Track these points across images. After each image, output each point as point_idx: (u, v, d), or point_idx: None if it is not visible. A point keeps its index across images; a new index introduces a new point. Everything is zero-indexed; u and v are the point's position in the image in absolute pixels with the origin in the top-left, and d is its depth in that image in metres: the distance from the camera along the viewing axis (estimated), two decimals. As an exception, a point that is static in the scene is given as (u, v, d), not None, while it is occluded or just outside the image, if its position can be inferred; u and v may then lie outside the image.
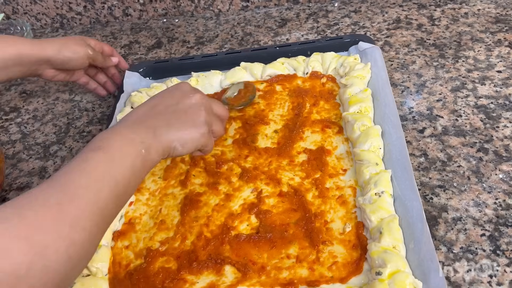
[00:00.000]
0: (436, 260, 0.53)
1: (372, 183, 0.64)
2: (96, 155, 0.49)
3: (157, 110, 0.60)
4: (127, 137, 0.53)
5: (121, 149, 0.51)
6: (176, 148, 0.58)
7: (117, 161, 0.50)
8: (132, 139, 0.53)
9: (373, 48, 0.86)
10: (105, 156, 0.50)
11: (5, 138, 0.94)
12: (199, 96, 0.62)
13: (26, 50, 0.79)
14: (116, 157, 0.50)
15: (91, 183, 0.47)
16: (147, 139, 0.54)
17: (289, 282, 0.58)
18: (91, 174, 0.47)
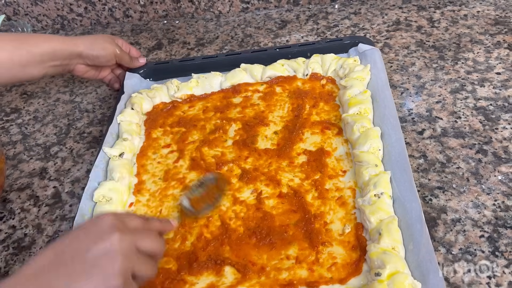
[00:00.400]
0: (435, 261, 0.54)
1: (371, 185, 0.64)
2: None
3: (62, 259, 0.48)
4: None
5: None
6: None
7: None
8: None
9: (372, 50, 0.87)
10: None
11: (5, 139, 0.94)
12: (117, 238, 0.49)
13: (60, 45, 0.82)
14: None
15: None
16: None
17: (288, 283, 0.58)
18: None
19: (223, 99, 0.89)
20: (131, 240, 0.50)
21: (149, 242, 0.53)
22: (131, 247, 0.50)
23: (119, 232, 0.49)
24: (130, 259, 0.49)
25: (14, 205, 0.79)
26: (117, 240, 0.48)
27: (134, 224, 0.53)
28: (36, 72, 0.82)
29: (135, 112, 0.86)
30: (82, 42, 0.85)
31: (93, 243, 0.48)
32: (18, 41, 0.79)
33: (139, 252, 0.51)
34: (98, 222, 0.50)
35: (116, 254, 0.48)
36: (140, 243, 0.51)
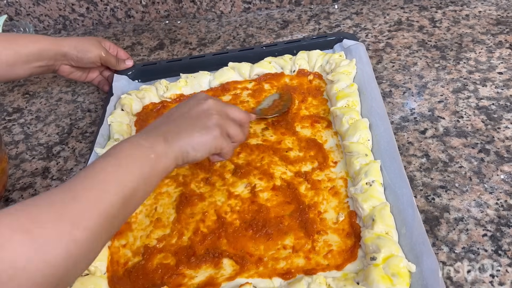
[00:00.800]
0: (428, 243, 0.55)
1: (362, 173, 0.66)
2: (104, 161, 0.50)
3: (171, 118, 0.60)
4: (137, 144, 0.54)
5: (129, 155, 0.52)
6: (189, 153, 0.57)
7: (124, 165, 0.51)
8: (141, 145, 0.54)
9: (357, 45, 0.89)
10: (112, 161, 0.50)
11: (8, 138, 0.94)
12: (211, 102, 0.62)
13: (46, 46, 0.85)
14: (123, 162, 0.51)
15: (95, 185, 0.47)
16: (157, 145, 0.54)
17: (286, 271, 0.60)
18: (97, 176, 0.48)
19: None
20: (223, 106, 0.64)
21: (237, 112, 0.65)
22: (223, 111, 0.63)
23: (213, 99, 0.63)
24: (223, 118, 0.61)
25: (16, 205, 0.79)
26: (212, 103, 0.62)
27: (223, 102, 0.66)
28: (22, 72, 0.85)
29: (125, 113, 0.87)
30: (68, 43, 0.88)
31: (194, 106, 0.62)
32: (6, 42, 0.81)
33: (230, 117, 0.63)
34: (196, 95, 0.64)
35: (212, 112, 0.61)
36: (229, 111, 0.64)
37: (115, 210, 0.47)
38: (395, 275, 0.54)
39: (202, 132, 0.58)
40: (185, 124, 0.59)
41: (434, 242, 0.60)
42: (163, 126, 0.59)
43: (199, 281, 0.61)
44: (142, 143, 0.54)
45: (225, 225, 0.67)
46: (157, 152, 0.54)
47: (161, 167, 0.54)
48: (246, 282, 0.58)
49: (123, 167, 0.50)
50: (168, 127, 0.58)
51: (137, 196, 0.51)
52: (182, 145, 0.56)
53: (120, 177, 0.49)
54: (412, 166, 0.70)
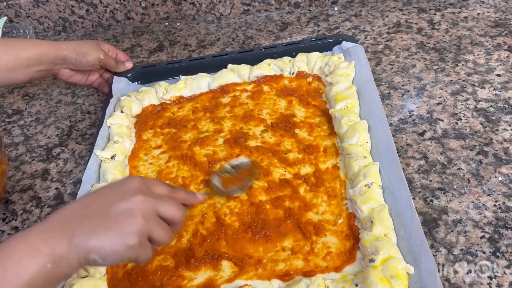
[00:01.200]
0: (426, 245, 0.55)
1: (361, 175, 0.66)
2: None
3: (86, 211, 0.51)
4: (33, 248, 0.46)
5: (19, 263, 0.45)
6: (96, 261, 0.49)
7: (9, 277, 0.44)
8: (37, 250, 0.46)
9: (356, 47, 0.89)
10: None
11: (8, 140, 0.94)
12: (139, 199, 0.52)
13: (45, 50, 0.85)
14: (9, 273, 0.44)
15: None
16: (58, 250, 0.47)
17: (285, 273, 0.60)
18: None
19: (212, 99, 0.90)
20: (153, 204, 0.53)
21: (170, 209, 0.55)
22: (151, 210, 0.53)
23: (143, 195, 0.53)
24: (149, 222, 0.51)
25: (16, 206, 0.79)
26: (139, 202, 0.52)
27: (159, 190, 0.56)
28: (22, 76, 0.85)
29: (124, 115, 0.87)
30: (66, 47, 0.88)
31: (117, 200, 0.51)
32: (5, 46, 0.81)
33: (158, 217, 0.53)
34: (125, 183, 0.54)
35: (136, 214, 0.51)
36: (161, 209, 0.54)
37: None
38: (394, 277, 0.54)
39: (116, 241, 0.49)
40: (99, 223, 0.50)
41: (433, 244, 0.60)
42: (74, 221, 0.50)
43: (198, 283, 0.61)
44: (40, 247, 0.46)
45: (224, 227, 0.67)
46: (56, 260, 0.46)
47: (59, 275, 0.47)
48: (245, 284, 0.58)
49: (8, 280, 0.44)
50: (79, 225, 0.50)
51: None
52: (90, 251, 0.48)
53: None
54: (411, 168, 0.71)
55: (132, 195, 0.52)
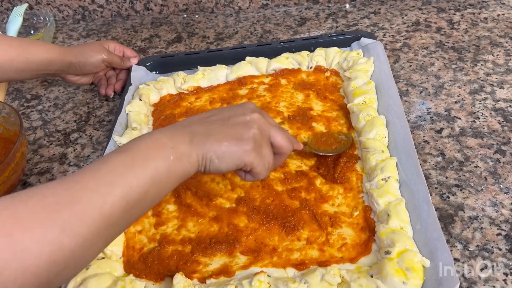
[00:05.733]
0: (443, 239, 0.55)
1: (378, 169, 0.66)
2: (117, 156, 0.47)
3: (208, 119, 0.56)
4: (159, 141, 0.50)
5: (147, 153, 0.48)
6: (212, 161, 0.52)
7: (137, 165, 0.46)
8: (163, 144, 0.49)
9: (375, 43, 0.89)
10: (126, 159, 0.47)
11: (26, 124, 0.95)
12: (257, 116, 0.57)
13: (54, 56, 0.87)
14: (138, 161, 0.47)
15: (99, 186, 0.43)
16: (180, 145, 0.50)
17: (300, 262, 0.60)
18: (104, 176, 0.44)
19: (229, 90, 0.91)
20: (268, 125, 0.58)
21: (282, 137, 0.59)
22: (266, 129, 0.57)
23: (260, 114, 0.58)
24: (262, 137, 0.56)
25: (34, 188, 0.80)
26: (257, 118, 0.56)
27: (272, 120, 0.61)
28: (29, 76, 0.89)
29: (142, 103, 0.88)
30: (71, 53, 0.90)
31: (237, 114, 0.57)
32: (20, 49, 0.83)
33: (269, 141, 0.58)
34: (244, 104, 0.59)
35: (252, 126, 0.55)
36: (273, 133, 0.58)
37: (116, 216, 0.43)
38: (409, 269, 0.54)
39: (233, 142, 0.53)
40: (218, 129, 0.54)
41: (448, 239, 0.60)
42: (195, 125, 0.54)
43: (214, 269, 0.62)
44: (165, 141, 0.50)
45: (240, 216, 0.68)
46: (178, 153, 0.49)
47: (179, 170, 0.50)
48: (260, 271, 0.58)
49: (135, 168, 0.46)
50: (199, 127, 0.54)
51: (145, 201, 0.47)
52: (208, 150, 0.52)
53: (129, 180, 0.45)
54: (428, 164, 0.71)
55: (250, 112, 0.57)
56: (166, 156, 0.49)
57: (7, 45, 0.82)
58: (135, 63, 0.99)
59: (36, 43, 0.88)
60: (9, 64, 0.81)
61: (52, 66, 0.87)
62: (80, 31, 1.26)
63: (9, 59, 0.81)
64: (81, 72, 0.94)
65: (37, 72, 0.87)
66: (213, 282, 0.60)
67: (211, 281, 0.60)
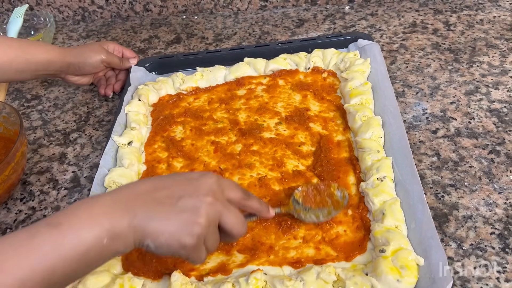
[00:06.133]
0: (437, 238, 0.56)
1: (374, 169, 0.67)
2: (46, 231, 0.45)
3: (155, 196, 0.51)
4: (95, 220, 0.47)
5: (78, 233, 0.46)
6: (149, 247, 0.50)
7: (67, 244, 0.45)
8: (99, 223, 0.47)
9: (372, 44, 0.90)
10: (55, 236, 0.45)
11: (26, 124, 0.96)
12: (209, 201, 0.51)
13: (54, 57, 0.87)
14: (68, 240, 0.45)
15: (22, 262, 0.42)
16: (118, 227, 0.47)
17: (296, 260, 0.61)
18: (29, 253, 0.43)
19: (228, 91, 0.92)
20: (219, 211, 0.52)
21: (232, 222, 0.54)
22: (215, 217, 0.52)
23: (213, 197, 0.52)
24: (209, 228, 0.51)
25: (33, 188, 0.81)
26: (209, 202, 0.51)
27: (232, 195, 0.55)
28: (28, 77, 0.90)
29: (142, 103, 0.89)
30: (70, 54, 0.91)
31: (188, 195, 0.51)
32: (20, 50, 0.84)
33: (217, 226, 0.53)
34: (201, 179, 0.54)
35: (201, 215, 0.50)
36: (224, 218, 0.53)
37: None
38: (404, 268, 0.55)
39: (174, 237, 0.49)
40: (163, 213, 0.50)
41: (443, 238, 0.61)
42: (140, 203, 0.50)
43: (211, 267, 0.63)
44: (101, 221, 0.47)
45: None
46: (113, 237, 0.47)
47: (112, 250, 0.48)
48: (257, 269, 0.59)
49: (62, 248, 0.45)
50: (144, 206, 0.50)
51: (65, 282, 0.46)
52: (146, 236, 0.49)
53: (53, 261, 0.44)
54: (423, 164, 0.72)
55: (203, 195, 0.51)
56: (100, 238, 0.46)
57: (7, 46, 0.83)
58: (134, 63, 1.00)
59: (35, 43, 0.89)
60: (8, 64, 0.82)
61: (52, 66, 0.88)
62: (80, 32, 1.26)
63: (9, 60, 0.82)
64: (81, 73, 0.95)
65: (37, 73, 0.88)
66: (210, 280, 0.61)
67: (208, 279, 0.61)
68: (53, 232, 0.45)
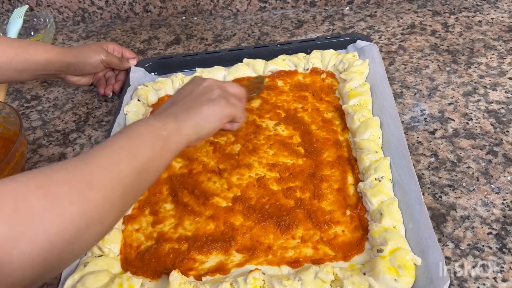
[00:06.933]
0: (434, 238, 0.57)
1: (372, 169, 0.68)
2: (117, 137, 0.53)
3: (177, 100, 0.64)
4: (148, 123, 0.57)
5: (142, 133, 0.54)
6: (200, 125, 0.60)
7: (136, 140, 0.53)
8: (152, 124, 0.57)
9: (370, 45, 0.91)
10: (125, 137, 0.53)
11: (26, 124, 0.96)
12: (210, 80, 0.67)
13: (53, 57, 0.88)
14: (136, 138, 0.53)
15: (108, 155, 0.50)
16: (168, 124, 0.57)
17: (294, 260, 0.62)
18: (109, 148, 0.51)
19: None
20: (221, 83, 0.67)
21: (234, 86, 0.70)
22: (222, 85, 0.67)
23: (211, 78, 0.68)
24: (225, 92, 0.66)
25: (33, 188, 0.81)
26: (212, 81, 0.67)
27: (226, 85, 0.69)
28: (28, 77, 0.89)
29: (141, 104, 0.89)
30: (70, 54, 0.91)
31: (194, 86, 0.66)
32: (20, 49, 0.85)
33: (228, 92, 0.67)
34: (193, 79, 0.68)
35: (214, 87, 0.65)
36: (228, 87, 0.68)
37: (128, 179, 0.50)
38: (401, 267, 0.55)
39: (209, 105, 0.62)
40: (191, 101, 0.63)
41: (440, 238, 0.62)
42: (171, 108, 0.62)
43: (209, 266, 0.63)
44: (154, 122, 0.57)
45: (236, 214, 0.69)
46: (168, 130, 0.56)
47: (173, 143, 0.57)
48: (255, 268, 0.60)
49: (135, 141, 0.53)
50: (176, 107, 0.62)
51: (150, 169, 0.53)
52: (193, 120, 0.60)
53: (132, 150, 0.52)
54: (421, 164, 0.72)
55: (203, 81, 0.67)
56: (159, 132, 0.56)
57: (6, 46, 0.83)
58: (134, 64, 1.00)
59: (35, 43, 0.90)
60: (8, 64, 0.83)
61: (51, 66, 0.88)
62: (79, 32, 1.27)
63: (8, 59, 0.82)
64: (80, 73, 0.95)
65: (36, 73, 0.88)
66: (209, 280, 0.61)
67: (206, 278, 0.61)
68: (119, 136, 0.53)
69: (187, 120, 0.59)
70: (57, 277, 0.63)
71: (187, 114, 0.60)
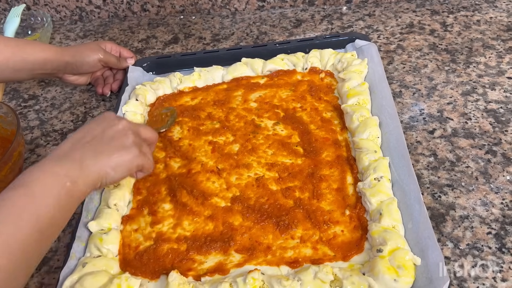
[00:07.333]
0: (433, 238, 0.56)
1: (371, 169, 0.67)
2: (16, 192, 0.49)
3: (83, 142, 0.59)
4: (50, 171, 0.53)
5: (43, 184, 0.51)
6: (108, 174, 0.57)
7: (38, 195, 0.50)
8: (55, 173, 0.53)
9: (369, 45, 0.90)
10: (25, 192, 0.49)
11: (23, 124, 0.96)
12: (124, 122, 0.63)
13: (50, 56, 0.87)
14: (37, 192, 0.50)
15: (8, 219, 0.46)
16: (72, 172, 0.54)
17: (294, 260, 0.61)
18: (9, 210, 0.47)
19: (225, 91, 0.91)
20: (135, 127, 0.64)
21: (147, 129, 0.68)
22: (136, 129, 0.64)
23: (125, 119, 0.65)
24: (137, 137, 0.63)
25: (31, 188, 0.81)
26: (125, 123, 0.63)
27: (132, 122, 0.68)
28: (25, 76, 0.89)
29: (139, 103, 0.89)
30: (68, 53, 0.91)
31: (107, 126, 0.61)
32: (17, 48, 0.85)
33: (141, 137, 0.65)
34: (105, 116, 0.64)
35: (127, 131, 0.62)
36: (142, 131, 0.66)
37: (32, 244, 0.47)
38: (401, 267, 0.55)
39: (122, 153, 0.59)
40: (101, 146, 0.59)
41: (439, 238, 0.62)
42: (77, 152, 0.57)
43: (209, 267, 0.63)
44: (57, 170, 0.53)
45: (235, 214, 0.68)
46: (73, 179, 0.53)
47: (78, 193, 0.54)
48: (255, 269, 0.59)
49: (37, 198, 0.50)
50: (83, 151, 0.57)
51: (54, 226, 0.51)
52: (101, 168, 0.57)
53: (34, 210, 0.48)
54: (420, 164, 0.72)
55: (117, 121, 0.63)
56: (63, 183, 0.52)
57: (3, 45, 0.83)
58: (131, 63, 0.99)
59: (32, 43, 0.89)
60: (5, 63, 0.82)
61: (49, 65, 0.88)
62: (77, 31, 1.26)
63: (5, 59, 0.82)
64: (78, 72, 0.95)
65: (34, 72, 0.88)
66: (208, 280, 0.61)
67: (205, 278, 0.61)
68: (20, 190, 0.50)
69: (94, 166, 0.56)
70: (55, 277, 0.63)
71: (95, 160, 0.57)
